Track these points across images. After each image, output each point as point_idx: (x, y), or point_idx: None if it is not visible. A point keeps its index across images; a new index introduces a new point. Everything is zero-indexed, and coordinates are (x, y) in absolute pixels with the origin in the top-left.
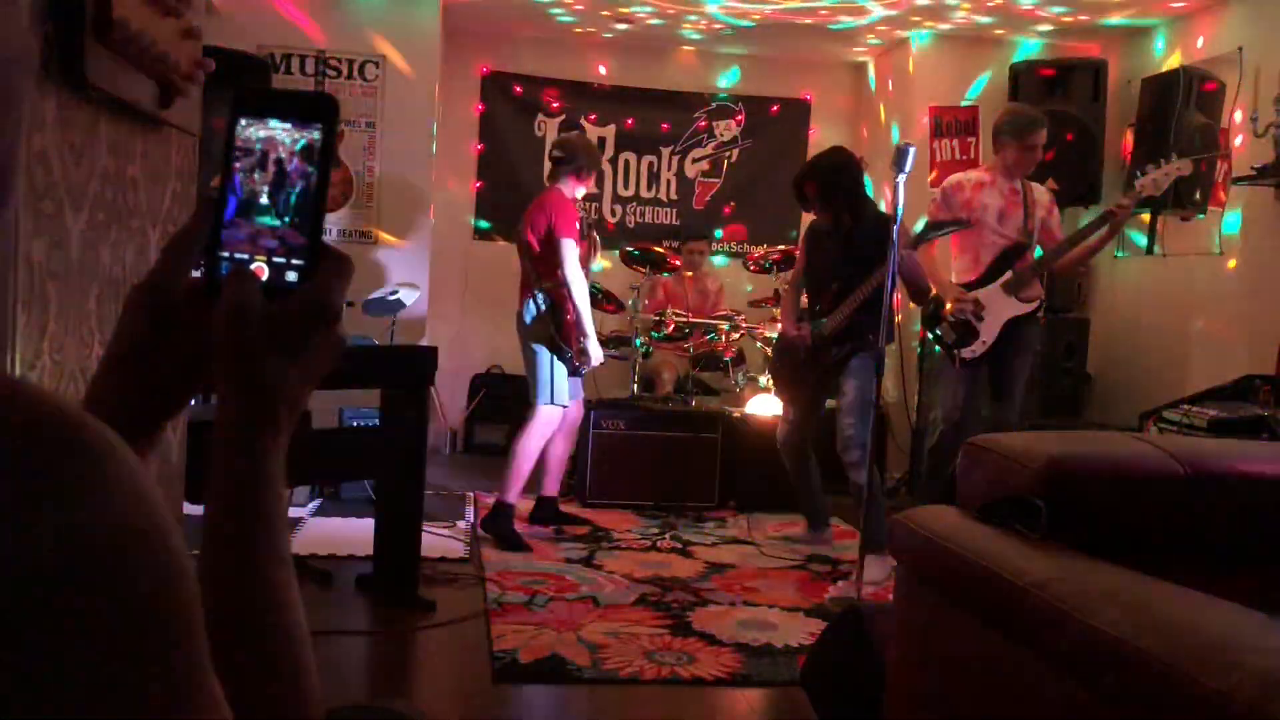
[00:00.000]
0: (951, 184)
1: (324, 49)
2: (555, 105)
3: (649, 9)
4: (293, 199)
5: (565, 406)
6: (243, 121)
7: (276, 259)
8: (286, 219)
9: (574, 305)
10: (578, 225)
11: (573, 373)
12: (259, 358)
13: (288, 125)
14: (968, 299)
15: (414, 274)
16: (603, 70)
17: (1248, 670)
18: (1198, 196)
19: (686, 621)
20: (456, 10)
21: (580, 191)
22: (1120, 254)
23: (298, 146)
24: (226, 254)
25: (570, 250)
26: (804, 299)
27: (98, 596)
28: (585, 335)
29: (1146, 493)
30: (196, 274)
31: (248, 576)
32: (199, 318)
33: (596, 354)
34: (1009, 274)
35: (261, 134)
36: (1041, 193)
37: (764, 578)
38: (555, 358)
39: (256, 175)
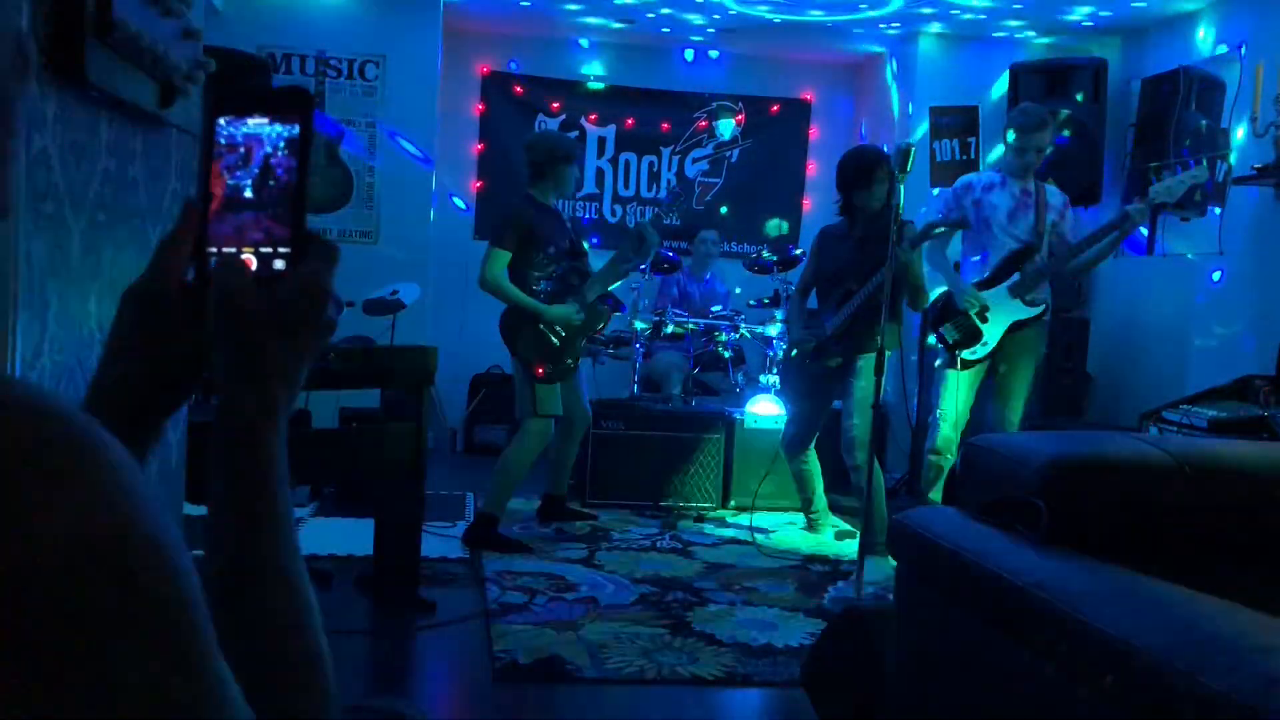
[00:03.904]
0: (961, 184)
1: (324, 49)
2: (555, 105)
3: (649, 8)
4: (274, 191)
5: (555, 416)
6: (221, 121)
7: (263, 250)
8: (269, 211)
9: (515, 308)
10: (513, 231)
11: (550, 380)
12: (253, 341)
13: (265, 120)
14: (975, 296)
15: (414, 274)
16: (603, 70)
17: (1248, 670)
18: (1198, 197)
19: (686, 621)
20: (456, 10)
21: (565, 190)
22: (1120, 254)
23: (276, 140)
24: (214, 249)
25: (490, 258)
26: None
27: (97, 594)
28: (542, 321)
29: (1146, 493)
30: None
31: (254, 559)
32: (193, 314)
33: (562, 315)
34: (1017, 276)
35: (240, 131)
36: (1056, 195)
37: (764, 578)
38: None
39: (239, 171)
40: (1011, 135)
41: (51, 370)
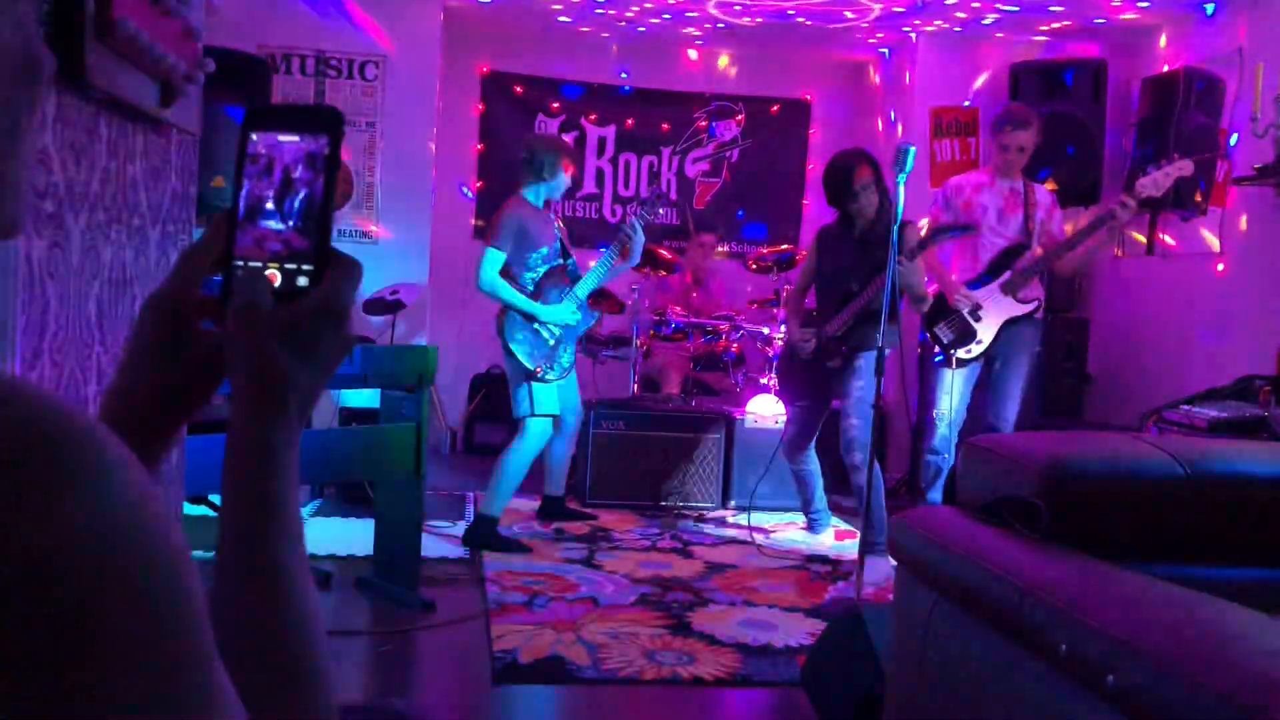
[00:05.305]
0: (952, 185)
1: (324, 49)
2: (555, 105)
3: (649, 8)
4: (300, 207)
5: (552, 415)
6: (253, 137)
7: (287, 266)
8: (295, 227)
9: (510, 309)
10: (506, 232)
11: (546, 380)
12: (271, 355)
13: (295, 138)
14: (968, 295)
15: (414, 274)
16: (603, 70)
17: (1248, 670)
18: (1198, 197)
19: (686, 621)
20: (456, 10)
21: (556, 193)
22: (1120, 254)
23: (304, 157)
24: (240, 263)
25: (486, 259)
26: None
27: (97, 594)
28: (536, 321)
29: (1146, 493)
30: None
31: (262, 568)
32: (213, 325)
33: (557, 316)
34: (1008, 274)
35: (270, 147)
36: (1043, 194)
37: (764, 578)
38: (520, 370)
39: (266, 186)
40: (991, 136)
41: (51, 370)
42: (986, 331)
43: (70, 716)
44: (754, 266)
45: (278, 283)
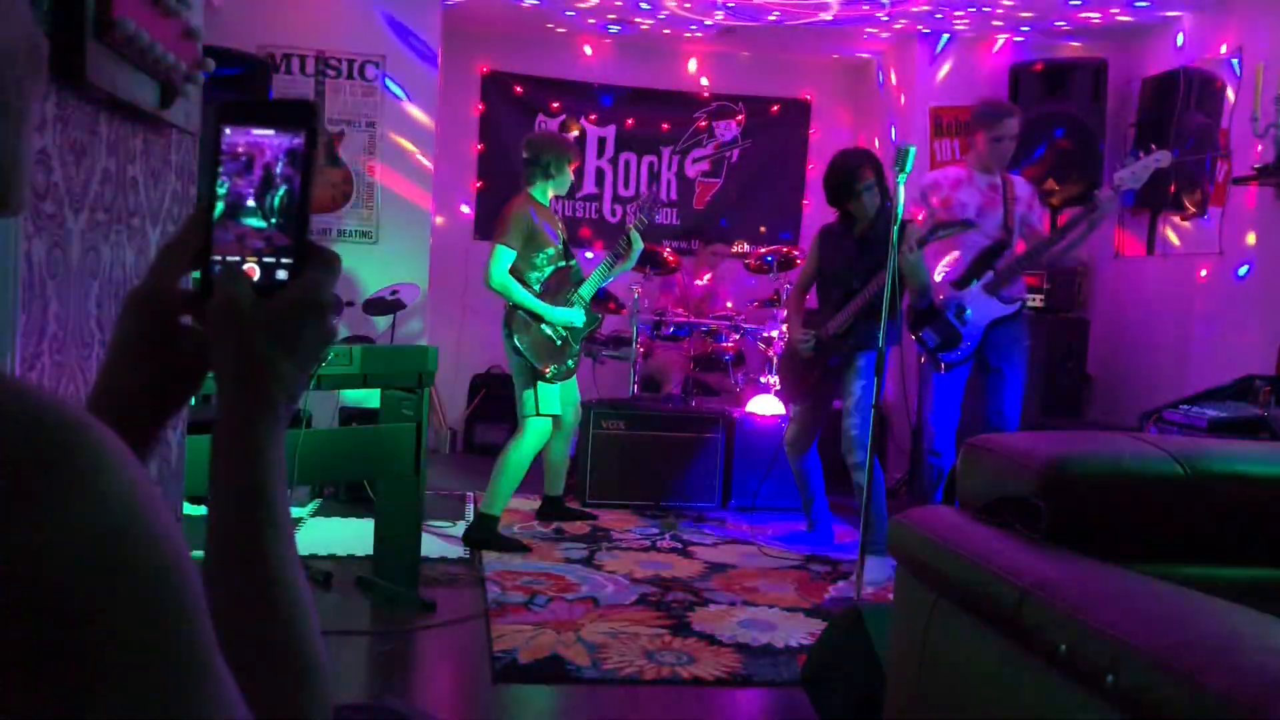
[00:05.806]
0: (929, 181)
1: (324, 49)
2: (555, 105)
3: (649, 9)
4: (278, 202)
5: (554, 415)
6: (227, 131)
7: (266, 259)
8: (273, 221)
9: (519, 310)
10: (518, 230)
11: (551, 380)
12: (253, 349)
13: (270, 132)
14: (952, 299)
15: (414, 274)
16: (603, 71)
17: (1248, 670)
18: (1198, 197)
19: (686, 621)
20: (456, 10)
21: (562, 189)
22: (1120, 254)
23: (280, 151)
24: (219, 258)
25: (497, 256)
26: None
27: (99, 593)
28: (545, 322)
29: (1146, 493)
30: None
31: (254, 562)
32: (195, 320)
33: (565, 318)
34: (990, 275)
35: (245, 141)
36: (1023, 186)
37: (764, 578)
38: (526, 370)
39: (243, 181)
40: (982, 128)
41: (51, 370)
42: (973, 334)
43: (71, 715)
44: (754, 266)
45: (257, 277)
